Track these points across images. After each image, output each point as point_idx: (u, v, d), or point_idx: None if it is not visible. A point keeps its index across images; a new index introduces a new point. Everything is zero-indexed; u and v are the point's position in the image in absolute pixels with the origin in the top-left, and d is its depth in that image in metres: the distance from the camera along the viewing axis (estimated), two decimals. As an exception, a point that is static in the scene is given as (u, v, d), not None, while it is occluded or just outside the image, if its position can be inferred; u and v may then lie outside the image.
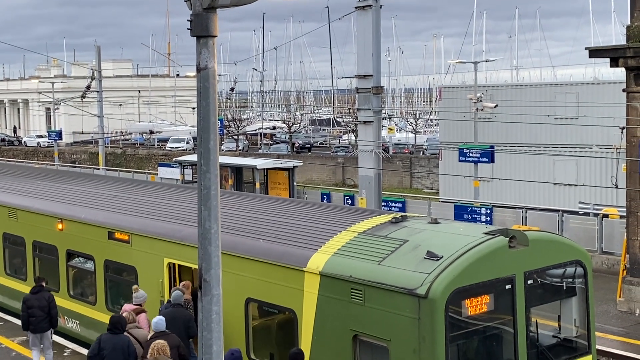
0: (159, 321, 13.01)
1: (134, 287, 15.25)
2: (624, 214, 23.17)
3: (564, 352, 12.72)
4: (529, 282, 12.11)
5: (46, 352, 16.42)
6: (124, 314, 13.78)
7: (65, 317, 19.05)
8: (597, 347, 14.05)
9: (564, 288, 13.01)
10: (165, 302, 14.73)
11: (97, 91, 50.90)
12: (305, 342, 12.80)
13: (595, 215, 29.19)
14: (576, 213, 30.83)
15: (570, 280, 12.99)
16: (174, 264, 15.94)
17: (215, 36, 7.13)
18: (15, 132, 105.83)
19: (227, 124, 79.61)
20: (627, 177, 21.96)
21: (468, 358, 11.83)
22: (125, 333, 13.26)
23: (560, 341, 12.93)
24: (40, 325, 15.98)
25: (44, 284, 16.53)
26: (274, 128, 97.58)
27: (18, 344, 18.39)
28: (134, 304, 14.73)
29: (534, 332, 12.34)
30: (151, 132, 77.61)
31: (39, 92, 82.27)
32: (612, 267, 25.61)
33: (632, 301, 21.58)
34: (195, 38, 7.13)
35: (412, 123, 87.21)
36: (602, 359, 17.54)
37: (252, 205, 16.86)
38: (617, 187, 22.96)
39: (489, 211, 28.40)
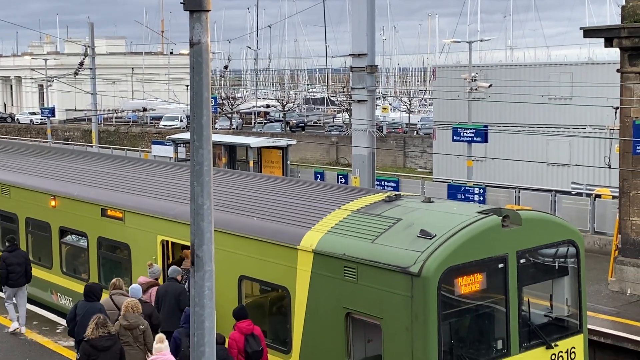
0: (133, 288, 13.96)
1: (149, 262, 15.57)
2: (617, 194, 23.21)
3: (556, 331, 12.78)
4: (522, 261, 12.15)
5: (21, 308, 17.60)
6: (113, 280, 14.59)
7: (58, 293, 19.05)
8: (589, 326, 14.09)
9: (556, 267, 13.05)
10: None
11: (91, 68, 50.62)
12: (298, 320, 12.83)
13: (588, 195, 29.24)
14: (569, 193, 30.86)
15: (563, 259, 13.02)
16: (167, 241, 15.95)
17: (208, 10, 7.07)
18: (5, 108, 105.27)
19: (221, 102, 79.23)
20: (620, 157, 21.99)
21: (460, 336, 11.88)
22: (107, 297, 14.14)
23: (551, 320, 12.99)
24: (19, 281, 17.24)
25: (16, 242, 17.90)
26: (268, 107, 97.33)
27: (11, 321, 18.31)
28: (150, 279, 15.13)
29: (525, 311, 12.39)
30: (144, 110, 77.38)
31: (32, 69, 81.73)
32: (604, 247, 25.67)
33: (623, 281, 21.67)
34: (188, 13, 7.07)
35: (406, 102, 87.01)
36: (594, 338, 17.62)
37: (246, 183, 16.84)
38: (610, 168, 22.93)
39: (482, 191, 28.40)
